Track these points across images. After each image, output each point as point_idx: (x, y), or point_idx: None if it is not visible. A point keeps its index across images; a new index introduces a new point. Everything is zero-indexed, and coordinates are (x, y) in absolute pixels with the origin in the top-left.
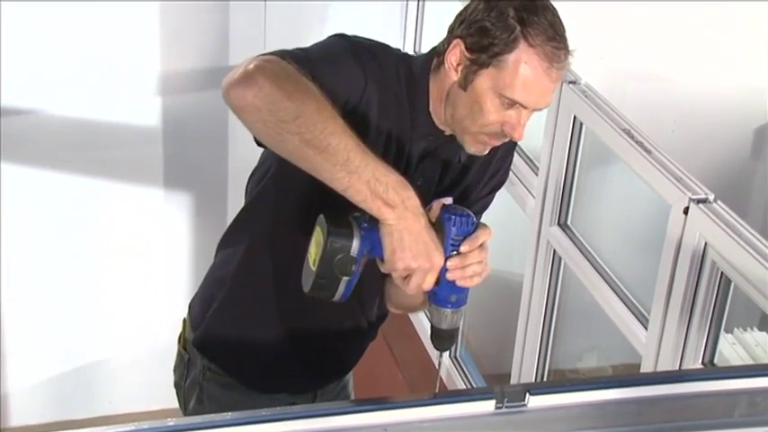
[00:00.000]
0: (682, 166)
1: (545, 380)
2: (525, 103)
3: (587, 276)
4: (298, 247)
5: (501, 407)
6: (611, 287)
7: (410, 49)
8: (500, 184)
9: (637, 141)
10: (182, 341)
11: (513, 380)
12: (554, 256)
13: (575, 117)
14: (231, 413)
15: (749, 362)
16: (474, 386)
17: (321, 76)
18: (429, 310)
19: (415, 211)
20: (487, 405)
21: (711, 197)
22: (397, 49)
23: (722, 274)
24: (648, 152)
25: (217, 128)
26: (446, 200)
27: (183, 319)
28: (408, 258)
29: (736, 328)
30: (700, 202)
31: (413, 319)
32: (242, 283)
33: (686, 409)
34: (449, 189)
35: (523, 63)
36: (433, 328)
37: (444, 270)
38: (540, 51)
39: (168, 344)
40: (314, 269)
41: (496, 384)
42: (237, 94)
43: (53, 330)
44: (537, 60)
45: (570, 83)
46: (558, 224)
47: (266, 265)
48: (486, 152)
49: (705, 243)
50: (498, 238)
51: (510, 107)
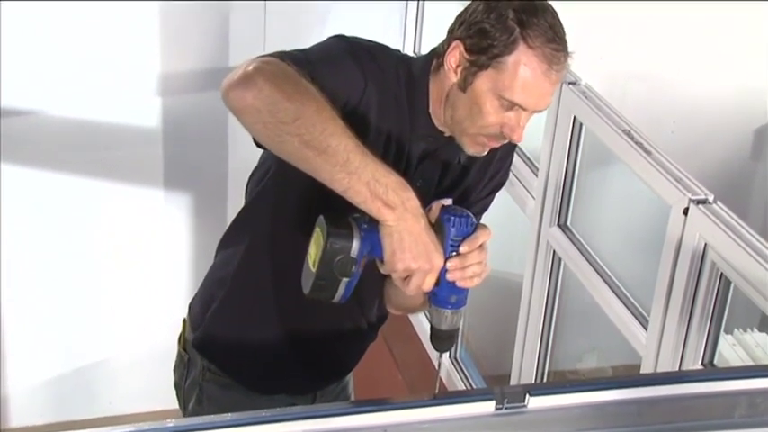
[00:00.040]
0: (681, 167)
1: (545, 381)
2: (524, 104)
3: (587, 277)
4: (297, 247)
5: (501, 408)
6: (610, 288)
7: (410, 50)
8: (500, 186)
9: (636, 142)
10: (182, 341)
11: (513, 381)
12: (554, 257)
13: (574, 118)
14: (231, 414)
15: (749, 363)
16: (474, 387)
17: (321, 77)
18: (429, 311)
19: (414, 212)
20: (487, 406)
21: (711, 198)
22: (397, 51)
23: (722, 274)
24: (648, 153)
25: (217, 128)
26: (446, 201)
27: (183, 320)
28: (408, 259)
29: (735, 329)
30: (699, 202)
31: (413, 320)
32: (242, 284)
33: (686, 410)
34: (448, 190)
35: (523, 65)
36: (432, 328)
37: (444, 271)
38: (540, 53)
39: (168, 344)
40: (314, 270)
41: (496, 385)
42: (237, 95)
43: (53, 331)
44: (536, 62)
45: (570, 84)
46: (558, 225)
47: (266, 265)
48: (485, 153)
49: (705, 244)
50: (498, 239)
51: (509, 109)
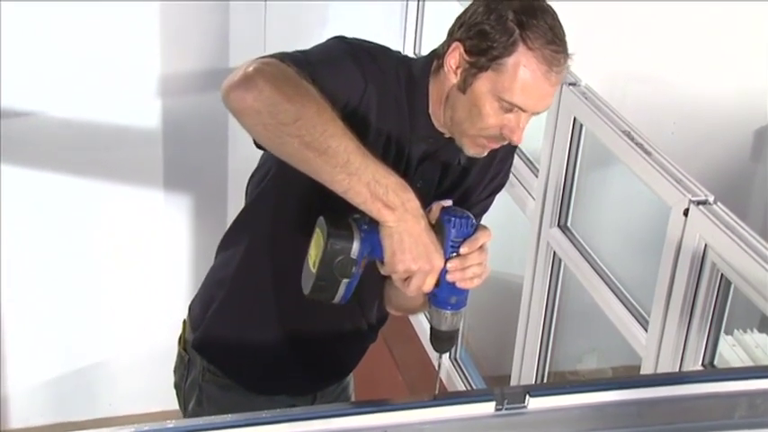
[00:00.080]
0: (682, 168)
1: (545, 381)
2: (524, 106)
3: (587, 278)
4: (297, 248)
5: (501, 409)
6: (611, 289)
7: (410, 51)
8: (500, 187)
9: (637, 143)
10: (182, 342)
11: (513, 381)
12: (554, 258)
13: (575, 119)
14: (231, 415)
15: (749, 363)
16: (474, 388)
17: (321, 78)
18: (429, 312)
19: (415, 213)
20: (487, 407)
21: (711, 199)
22: (397, 52)
23: (722, 275)
24: (648, 154)
25: (217, 129)
26: (446, 202)
27: (183, 321)
28: (408, 260)
29: (736, 330)
30: (700, 203)
31: (413, 320)
32: (241, 285)
33: (686, 411)
34: (449, 191)
35: (522, 66)
36: (432, 329)
37: (444, 272)
38: (540, 55)
39: (168, 345)
40: (314, 271)
41: (496, 386)
42: (237, 96)
43: (53, 331)
44: (536, 64)
45: (570, 84)
46: (558, 226)
47: (266, 266)
48: (485, 154)
49: (705, 245)
50: (498, 240)
51: (509, 110)
